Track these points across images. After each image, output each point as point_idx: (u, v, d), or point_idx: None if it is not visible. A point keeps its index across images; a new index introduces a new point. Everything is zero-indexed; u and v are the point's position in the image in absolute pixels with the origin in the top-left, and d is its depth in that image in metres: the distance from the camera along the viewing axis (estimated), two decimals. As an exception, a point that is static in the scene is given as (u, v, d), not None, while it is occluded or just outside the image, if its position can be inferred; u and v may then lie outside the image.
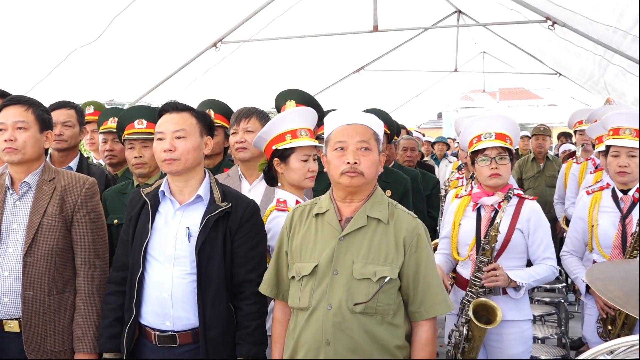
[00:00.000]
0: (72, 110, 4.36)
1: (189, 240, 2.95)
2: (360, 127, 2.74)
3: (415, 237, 2.72)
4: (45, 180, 3.21)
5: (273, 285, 2.93)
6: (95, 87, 7.38)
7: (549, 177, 8.20)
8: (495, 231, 3.63)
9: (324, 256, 2.72)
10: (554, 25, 6.63)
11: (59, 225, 3.16)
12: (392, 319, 2.68)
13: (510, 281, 3.62)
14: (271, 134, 3.43)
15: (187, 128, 2.99)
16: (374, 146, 2.74)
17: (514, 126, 3.88)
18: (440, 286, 2.76)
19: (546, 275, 3.70)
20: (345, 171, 2.70)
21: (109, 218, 3.86)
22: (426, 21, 10.21)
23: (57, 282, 3.15)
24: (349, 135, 2.72)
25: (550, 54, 9.82)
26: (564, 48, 8.04)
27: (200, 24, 7.08)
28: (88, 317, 3.16)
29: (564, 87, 12.01)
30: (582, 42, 6.98)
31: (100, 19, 5.95)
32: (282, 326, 2.92)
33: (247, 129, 3.74)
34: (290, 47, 8.62)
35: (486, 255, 3.65)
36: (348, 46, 9.47)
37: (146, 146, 3.87)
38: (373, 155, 2.73)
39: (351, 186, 2.73)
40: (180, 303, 2.93)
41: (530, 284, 3.67)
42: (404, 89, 13.91)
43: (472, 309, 3.60)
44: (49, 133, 3.27)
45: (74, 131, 4.33)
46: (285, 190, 3.42)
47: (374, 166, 2.74)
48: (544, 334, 5.18)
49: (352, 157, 2.69)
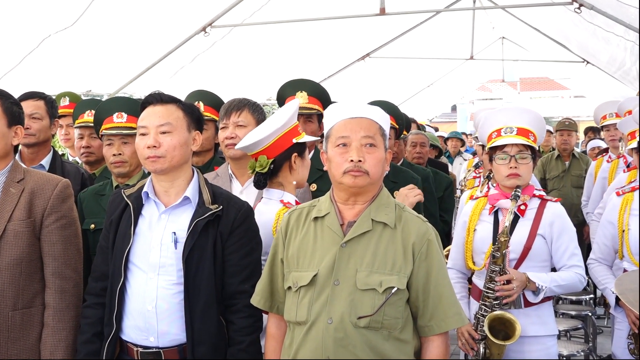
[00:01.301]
0: (41, 101, 4.36)
1: (175, 247, 2.95)
2: (365, 121, 2.74)
3: (425, 243, 2.72)
4: (13, 181, 3.18)
5: (267, 297, 2.92)
6: (71, 77, 7.39)
7: (575, 176, 8.20)
8: (504, 236, 3.63)
9: (324, 264, 2.72)
10: (580, 7, 6.64)
11: (26, 232, 3.13)
12: (400, 333, 2.68)
13: (529, 283, 3.62)
14: (286, 127, 3.39)
15: (173, 122, 2.98)
16: (379, 142, 2.74)
17: (539, 121, 3.88)
18: (453, 297, 2.76)
19: (571, 283, 3.69)
20: (349, 170, 2.69)
21: (85, 222, 3.86)
22: (439, 3, 10.19)
23: (22, 295, 3.13)
24: (352, 130, 2.72)
25: (577, 39, 9.82)
26: (591, 33, 8.05)
27: (187, 6, 7.07)
28: (57, 335, 3.15)
29: (591, 77, 12.01)
30: (612, 27, 6.99)
31: (77, 2, 5.95)
32: (276, 342, 2.91)
33: (238, 123, 3.73)
34: (288, 32, 8.61)
35: (497, 264, 3.65)
36: (352, 31, 9.46)
37: (126, 142, 3.86)
38: (379, 153, 2.73)
39: (355, 187, 2.72)
40: (165, 316, 2.93)
41: (551, 288, 3.64)
42: (414, 79, 13.90)
43: (487, 325, 3.59)
44: (18, 128, 3.24)
45: (43, 124, 4.31)
46: (286, 192, 3.41)
47: (380, 164, 2.74)
48: (569, 351, 5.19)
49: (356, 154, 2.68)
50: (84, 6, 5.96)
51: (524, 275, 3.62)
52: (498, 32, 13.05)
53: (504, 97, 28.53)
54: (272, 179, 3.43)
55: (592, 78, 12.24)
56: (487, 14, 11.50)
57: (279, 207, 3.34)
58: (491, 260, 3.67)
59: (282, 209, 3.32)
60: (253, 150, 3.40)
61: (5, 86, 6.39)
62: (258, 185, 3.45)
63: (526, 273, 3.63)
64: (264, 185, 3.44)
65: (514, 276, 3.60)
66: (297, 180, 3.44)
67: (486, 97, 29.92)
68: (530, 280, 3.61)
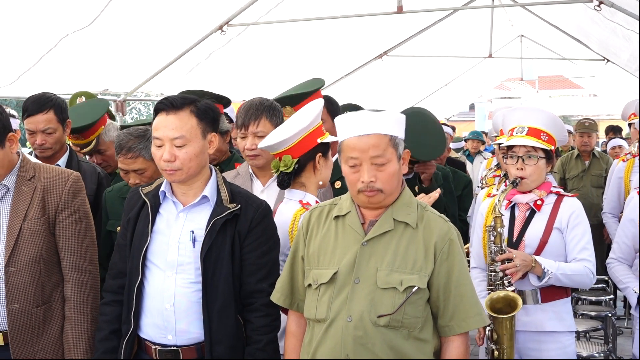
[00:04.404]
0: (51, 112, 4.24)
1: (193, 246, 2.96)
2: (373, 139, 2.70)
3: (447, 242, 2.73)
4: (24, 179, 3.21)
5: (287, 294, 2.94)
6: (88, 76, 7.41)
7: (595, 176, 8.15)
8: (496, 212, 3.64)
9: (344, 262, 2.73)
10: (600, 5, 6.60)
11: (41, 230, 3.17)
12: (420, 333, 2.68)
13: (535, 265, 3.59)
14: (311, 126, 3.37)
15: (186, 134, 2.92)
16: (391, 155, 2.71)
17: (553, 121, 3.84)
18: (475, 298, 2.76)
19: (578, 274, 3.64)
20: (362, 190, 2.71)
21: (110, 224, 3.91)
22: (457, 1, 10.17)
23: (43, 291, 3.18)
24: (361, 151, 2.69)
25: (597, 37, 9.77)
26: (611, 31, 8.01)
27: (204, 5, 7.09)
28: (79, 327, 3.21)
29: (611, 75, 11.95)
30: (632, 24, 6.94)
31: (95, 1, 5.97)
32: (296, 339, 2.93)
33: (258, 133, 3.60)
34: (304, 30, 8.61)
35: (496, 243, 3.64)
36: (369, 29, 9.45)
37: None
38: (391, 167, 2.71)
39: (370, 204, 2.76)
40: (183, 315, 2.94)
41: (557, 276, 3.59)
42: (431, 77, 13.88)
43: (487, 304, 3.53)
44: (12, 136, 3.16)
45: (57, 136, 4.28)
46: (308, 193, 3.40)
47: (394, 177, 2.74)
48: (588, 351, 5.17)
49: (367, 175, 2.69)
50: (102, 5, 5.98)
51: (529, 256, 3.60)
52: (517, 30, 13.00)
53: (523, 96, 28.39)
54: (295, 179, 3.41)
55: (611, 76, 12.18)
56: (506, 12, 11.45)
57: (297, 208, 3.34)
58: (490, 241, 3.67)
59: (299, 209, 3.32)
60: (277, 149, 3.37)
61: (23, 85, 6.51)
62: (282, 185, 3.43)
63: (533, 256, 3.61)
64: (288, 185, 3.42)
65: (514, 254, 3.59)
66: (322, 180, 3.44)
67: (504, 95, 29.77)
68: (536, 262, 3.60)
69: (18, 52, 6.25)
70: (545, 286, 3.63)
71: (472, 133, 12.29)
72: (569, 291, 3.81)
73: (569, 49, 11.77)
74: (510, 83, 27.84)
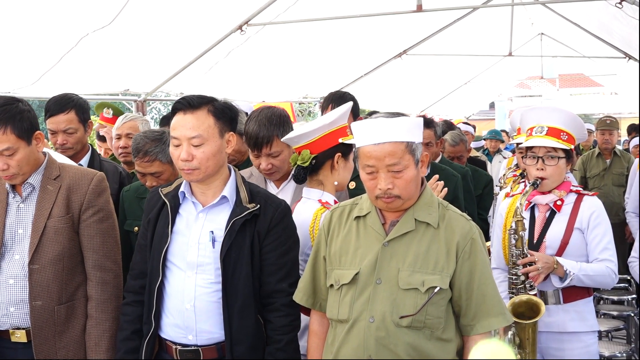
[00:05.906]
0: (72, 112, 4.29)
1: (213, 246, 2.97)
2: (388, 147, 2.67)
3: (469, 241, 2.71)
4: (50, 178, 3.25)
5: (309, 294, 2.94)
6: (108, 76, 7.46)
7: (616, 175, 8.09)
8: (517, 216, 3.61)
9: (365, 263, 2.72)
10: (621, 2, 6.54)
11: (65, 228, 3.21)
12: (442, 333, 2.68)
13: (557, 266, 3.58)
14: (334, 125, 3.37)
15: (203, 133, 2.92)
16: (408, 161, 2.69)
17: (573, 120, 3.81)
18: (497, 297, 2.74)
19: (600, 274, 3.63)
20: (380, 196, 2.71)
21: (127, 224, 3.94)
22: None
23: (66, 289, 3.22)
24: (377, 159, 2.68)
25: (618, 34, 9.69)
26: (633, 28, 7.93)
27: (224, 5, 7.10)
28: (101, 326, 3.24)
29: (633, 72, 11.84)
30: (655, 22, 6.88)
31: (115, 0, 6.00)
32: (319, 339, 2.94)
33: (272, 154, 3.58)
34: (324, 28, 8.58)
35: (517, 247, 3.63)
36: (388, 28, 9.43)
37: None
38: (408, 173, 2.69)
39: (389, 210, 2.76)
40: (203, 315, 2.95)
41: (579, 277, 3.58)
42: (451, 76, 13.84)
43: (509, 309, 3.49)
44: (38, 134, 3.21)
45: (78, 136, 4.32)
46: (326, 192, 3.39)
47: (412, 182, 2.72)
48: (611, 351, 5.14)
49: (384, 183, 2.68)
50: (122, 4, 5.99)
51: (550, 257, 3.59)
52: (537, 28, 12.92)
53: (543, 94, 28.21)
54: (313, 176, 3.41)
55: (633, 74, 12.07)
56: (526, 10, 11.39)
57: (317, 207, 3.33)
58: (511, 244, 3.65)
59: (319, 208, 3.31)
60: (298, 143, 3.38)
61: (44, 84, 6.54)
62: (297, 179, 3.43)
63: (555, 257, 3.59)
64: (304, 179, 3.42)
65: (537, 257, 3.57)
66: (338, 181, 3.42)
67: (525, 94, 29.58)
68: (558, 264, 3.57)
69: (39, 52, 6.27)
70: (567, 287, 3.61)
71: (490, 132, 12.20)
72: (590, 291, 3.79)
73: (589, 46, 11.68)
74: (531, 81, 27.65)
